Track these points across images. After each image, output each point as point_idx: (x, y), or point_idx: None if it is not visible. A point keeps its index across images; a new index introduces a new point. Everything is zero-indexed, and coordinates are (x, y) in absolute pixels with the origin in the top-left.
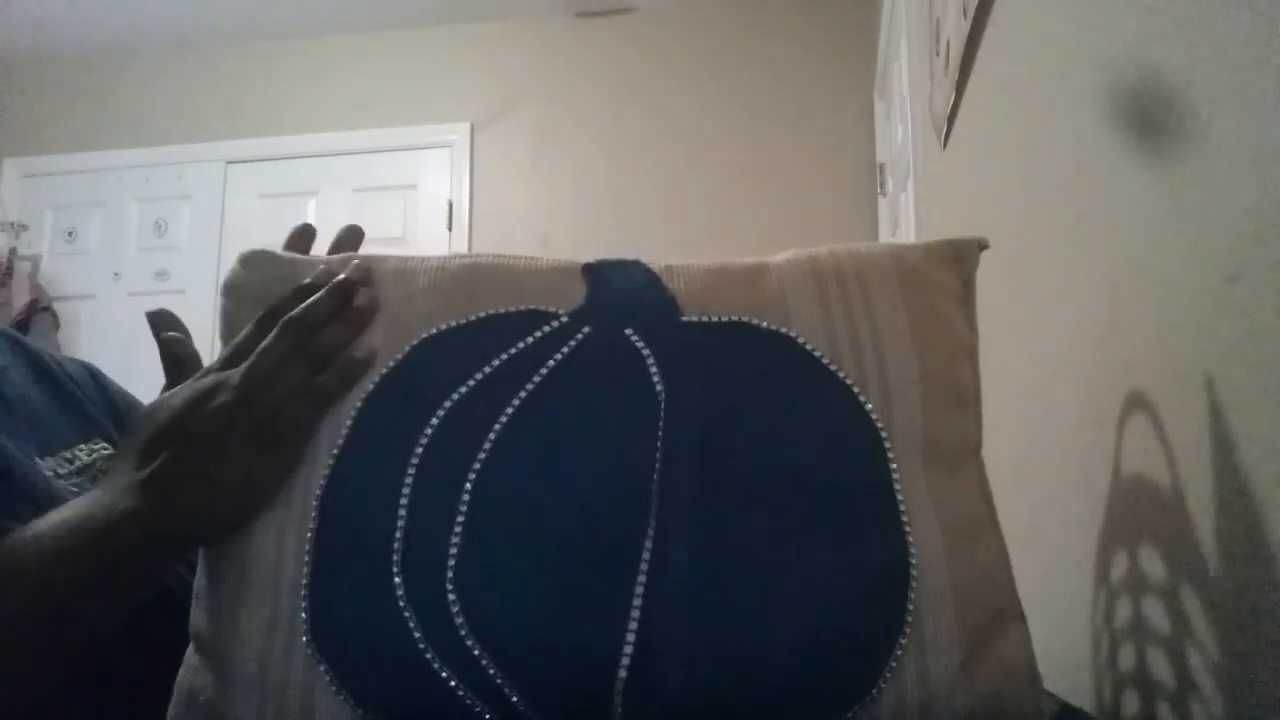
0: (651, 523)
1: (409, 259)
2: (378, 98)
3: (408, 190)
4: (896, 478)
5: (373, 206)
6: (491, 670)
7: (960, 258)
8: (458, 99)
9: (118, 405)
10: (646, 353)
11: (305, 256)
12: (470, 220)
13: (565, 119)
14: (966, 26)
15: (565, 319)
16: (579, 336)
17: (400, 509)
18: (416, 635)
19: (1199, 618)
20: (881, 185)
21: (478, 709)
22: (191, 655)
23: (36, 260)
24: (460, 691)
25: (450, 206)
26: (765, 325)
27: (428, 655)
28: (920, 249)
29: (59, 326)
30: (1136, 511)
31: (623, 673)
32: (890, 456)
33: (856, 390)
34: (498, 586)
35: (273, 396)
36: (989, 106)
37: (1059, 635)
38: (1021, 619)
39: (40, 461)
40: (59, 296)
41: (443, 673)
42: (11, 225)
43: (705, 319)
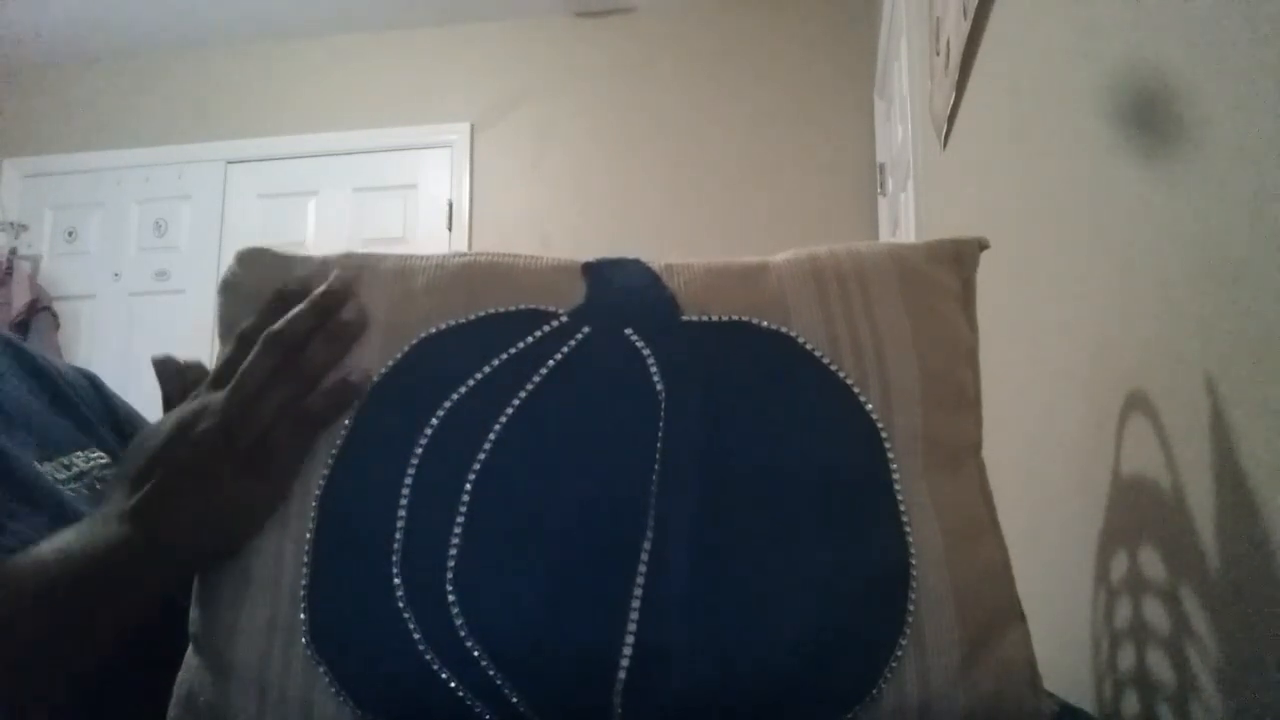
0: (651, 523)
1: (408, 258)
2: (378, 98)
3: (408, 190)
4: (896, 478)
5: (373, 206)
6: (491, 671)
7: (960, 258)
8: (458, 99)
9: (118, 415)
10: (646, 352)
11: (302, 255)
12: (470, 220)
13: (565, 119)
14: (966, 26)
15: (565, 318)
16: (579, 336)
17: (400, 509)
18: (416, 636)
19: (1199, 618)
20: (881, 185)
21: (477, 710)
22: (191, 656)
23: (36, 260)
24: (460, 692)
25: (450, 206)
26: (765, 325)
27: (427, 656)
28: (920, 249)
29: (59, 327)
30: (1136, 511)
31: (622, 673)
32: (890, 456)
33: (856, 390)
34: (497, 587)
35: (258, 419)
36: (989, 106)
37: (1059, 635)
38: (1021, 619)
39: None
40: (59, 296)
41: (442, 674)
42: (11, 225)
43: (705, 318)
